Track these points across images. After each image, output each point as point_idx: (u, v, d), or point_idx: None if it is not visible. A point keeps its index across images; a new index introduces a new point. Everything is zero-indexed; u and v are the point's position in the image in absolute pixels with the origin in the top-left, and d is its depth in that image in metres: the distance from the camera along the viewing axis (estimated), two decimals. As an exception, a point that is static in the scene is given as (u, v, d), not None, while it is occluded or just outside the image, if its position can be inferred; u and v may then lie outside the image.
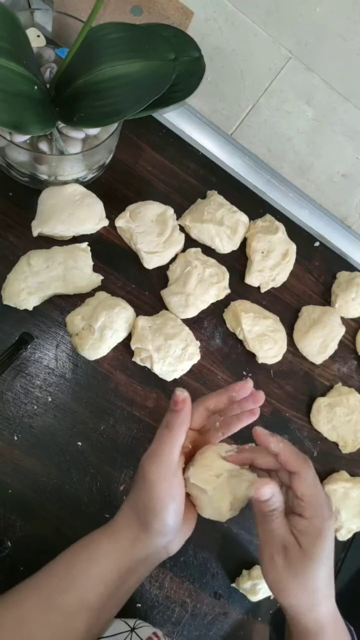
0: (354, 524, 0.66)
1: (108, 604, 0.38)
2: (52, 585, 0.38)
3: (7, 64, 0.48)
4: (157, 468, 0.37)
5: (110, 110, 0.53)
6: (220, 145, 0.76)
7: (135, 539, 0.38)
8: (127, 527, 0.39)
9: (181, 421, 0.38)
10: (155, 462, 0.38)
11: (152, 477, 0.37)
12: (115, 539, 0.39)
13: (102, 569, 0.38)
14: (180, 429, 0.38)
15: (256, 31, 0.59)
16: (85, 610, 0.36)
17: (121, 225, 0.65)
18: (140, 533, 0.38)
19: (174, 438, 0.38)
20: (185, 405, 0.38)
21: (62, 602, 0.36)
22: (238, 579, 0.62)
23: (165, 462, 0.37)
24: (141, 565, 0.39)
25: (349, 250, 0.81)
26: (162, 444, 0.38)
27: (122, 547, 0.38)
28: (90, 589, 0.37)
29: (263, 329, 0.68)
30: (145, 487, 0.37)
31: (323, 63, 0.59)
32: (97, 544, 0.39)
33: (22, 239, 0.62)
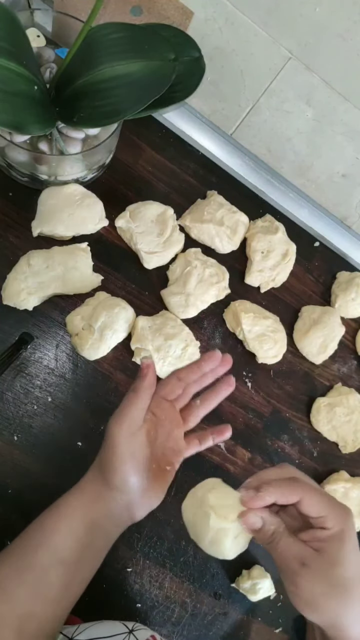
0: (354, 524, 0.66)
1: (81, 560, 0.39)
2: (25, 545, 0.40)
3: (7, 64, 0.48)
4: (119, 426, 0.41)
5: (110, 110, 0.53)
6: (220, 145, 0.76)
7: (98, 493, 0.41)
8: (92, 482, 0.42)
9: (146, 385, 0.42)
10: (119, 421, 0.41)
11: (113, 433, 0.40)
12: (81, 493, 0.42)
13: (70, 523, 0.40)
14: (145, 392, 0.42)
15: (256, 31, 0.59)
16: (59, 565, 0.38)
17: (121, 225, 0.65)
18: (101, 488, 0.41)
19: (138, 399, 0.42)
20: (149, 370, 0.43)
21: (35, 559, 0.38)
22: (238, 579, 0.62)
23: (127, 420, 0.41)
24: (106, 522, 0.41)
25: (349, 250, 0.81)
26: (127, 404, 0.42)
27: (87, 500, 0.41)
28: (61, 544, 0.39)
29: (263, 329, 0.68)
30: (108, 444, 0.41)
31: (323, 63, 0.59)
32: (65, 501, 0.42)
33: (22, 239, 0.62)
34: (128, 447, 0.40)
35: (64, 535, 0.39)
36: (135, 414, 0.41)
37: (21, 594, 0.37)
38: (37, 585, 0.37)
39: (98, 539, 0.41)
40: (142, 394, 0.42)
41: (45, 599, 0.37)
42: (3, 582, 0.37)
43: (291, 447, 0.69)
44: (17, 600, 0.36)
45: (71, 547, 0.39)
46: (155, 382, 0.44)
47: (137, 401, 0.42)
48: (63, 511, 0.41)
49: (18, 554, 0.39)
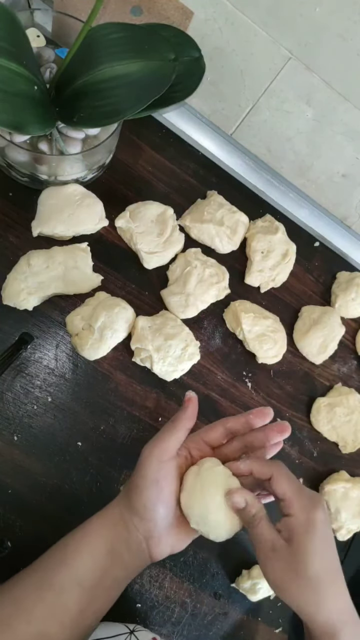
0: (354, 524, 0.66)
1: (99, 587, 0.39)
2: (47, 564, 0.40)
3: (7, 64, 0.48)
4: (149, 450, 0.41)
5: (110, 110, 0.53)
6: (220, 145, 0.76)
7: (120, 516, 0.41)
8: (117, 505, 0.42)
9: (185, 416, 0.42)
10: (150, 446, 0.41)
11: (143, 455, 0.41)
12: (105, 516, 0.42)
13: (92, 545, 0.40)
14: (182, 423, 0.41)
15: (256, 31, 0.59)
16: (77, 587, 0.38)
17: (121, 225, 0.65)
18: (124, 510, 0.41)
19: (174, 429, 0.41)
20: (190, 404, 0.42)
21: (55, 579, 0.38)
22: (238, 579, 0.62)
23: (160, 446, 0.41)
24: (124, 549, 0.40)
25: (349, 250, 0.81)
26: (163, 432, 0.41)
27: (109, 523, 0.41)
28: (81, 565, 0.39)
29: (263, 329, 0.68)
30: (137, 466, 0.41)
31: (323, 63, 0.59)
32: (90, 522, 0.41)
33: (22, 239, 0.62)
34: (155, 473, 0.40)
35: (84, 557, 0.39)
36: (168, 443, 0.41)
37: (38, 613, 0.36)
38: (54, 605, 0.37)
39: (116, 567, 0.40)
40: (180, 425, 0.41)
41: (61, 622, 0.37)
42: (22, 599, 0.37)
43: (291, 447, 0.69)
44: (34, 618, 0.36)
45: (90, 570, 0.39)
46: (195, 417, 0.42)
47: (173, 431, 0.41)
48: (87, 532, 0.41)
49: (39, 572, 0.39)
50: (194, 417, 0.42)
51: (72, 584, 0.38)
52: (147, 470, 0.40)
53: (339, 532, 0.66)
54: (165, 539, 0.40)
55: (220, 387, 0.67)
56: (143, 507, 0.39)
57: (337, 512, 0.65)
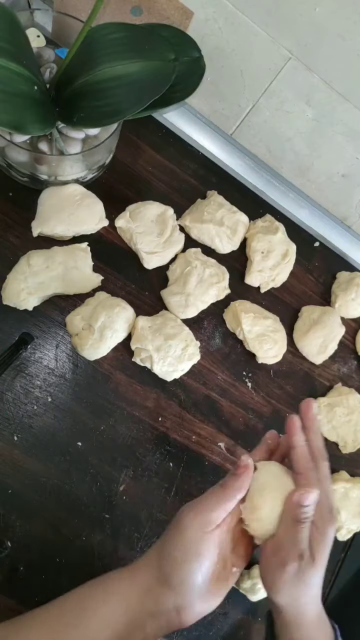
0: (354, 524, 0.66)
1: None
2: (61, 619, 0.36)
3: (7, 64, 0.48)
4: (194, 517, 0.36)
5: (110, 110, 0.53)
6: (220, 145, 0.76)
7: (149, 586, 0.36)
8: (145, 571, 0.37)
9: (238, 485, 0.37)
10: (194, 511, 0.36)
11: (185, 524, 0.36)
12: (131, 581, 0.37)
13: (112, 612, 0.36)
14: (234, 491, 0.37)
15: (256, 31, 0.59)
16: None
17: (121, 225, 0.65)
18: (154, 582, 0.36)
19: (224, 498, 0.37)
20: (246, 470, 0.38)
21: (68, 639, 0.35)
22: (238, 579, 0.62)
23: (205, 515, 0.36)
24: (149, 622, 0.36)
25: (349, 250, 0.81)
26: (210, 496, 0.37)
27: (135, 592, 0.36)
28: (97, 632, 0.35)
29: (263, 329, 0.68)
30: (176, 533, 0.36)
31: (323, 63, 0.59)
32: (112, 582, 0.38)
33: (22, 239, 0.62)
34: (197, 544, 0.35)
35: (101, 623, 0.36)
36: (216, 514, 0.36)
37: None
38: None
39: (136, 636, 0.36)
40: (231, 495, 0.37)
41: None
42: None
43: (291, 447, 0.69)
44: None
45: (106, 638, 0.35)
46: (247, 486, 0.38)
47: (223, 500, 0.37)
48: (108, 594, 0.37)
49: (52, 628, 0.36)
50: (247, 487, 0.38)
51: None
52: (188, 542, 0.35)
53: (339, 532, 0.66)
54: (200, 605, 0.36)
55: (220, 387, 0.67)
56: (180, 582, 0.35)
57: (337, 512, 0.65)
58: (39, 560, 0.55)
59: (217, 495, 0.37)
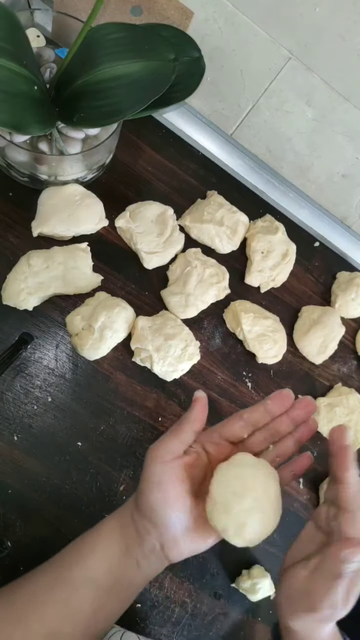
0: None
1: (113, 589, 0.38)
2: (62, 562, 0.39)
3: (7, 64, 0.48)
4: (152, 451, 0.38)
5: (110, 110, 0.53)
6: (220, 145, 0.76)
7: (131, 518, 0.39)
8: (128, 506, 0.40)
9: (192, 417, 0.39)
10: (154, 447, 0.39)
11: (147, 458, 0.38)
12: (119, 517, 0.40)
13: (107, 547, 0.38)
14: (189, 424, 0.39)
15: (256, 31, 0.59)
16: (91, 585, 0.37)
17: (121, 225, 0.65)
18: (135, 513, 0.39)
19: (179, 430, 0.39)
20: (198, 403, 0.40)
21: (69, 576, 0.37)
22: (238, 579, 0.62)
23: (162, 447, 0.38)
24: (140, 553, 0.38)
25: (349, 250, 0.81)
26: (168, 433, 0.39)
27: (123, 524, 0.39)
28: (96, 566, 0.38)
29: (263, 329, 0.68)
30: (143, 470, 0.38)
31: (323, 63, 0.59)
32: (104, 522, 0.40)
33: (22, 239, 0.62)
34: (157, 475, 0.37)
35: (99, 556, 0.38)
36: (171, 444, 0.38)
37: (52, 611, 0.36)
38: (68, 604, 0.36)
39: (131, 569, 0.38)
40: (186, 427, 0.39)
41: (74, 621, 0.36)
42: (36, 597, 0.37)
43: (291, 447, 0.69)
44: (48, 617, 0.36)
45: (105, 571, 0.37)
46: (204, 419, 0.40)
47: (178, 432, 0.39)
48: (101, 533, 0.39)
49: (54, 569, 0.39)
50: (203, 419, 0.39)
51: (87, 583, 0.37)
52: (150, 473, 0.37)
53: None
54: (183, 541, 0.38)
55: (220, 387, 0.67)
56: (151, 511, 0.37)
57: None
58: (39, 560, 0.55)
59: (172, 429, 0.39)
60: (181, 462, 0.38)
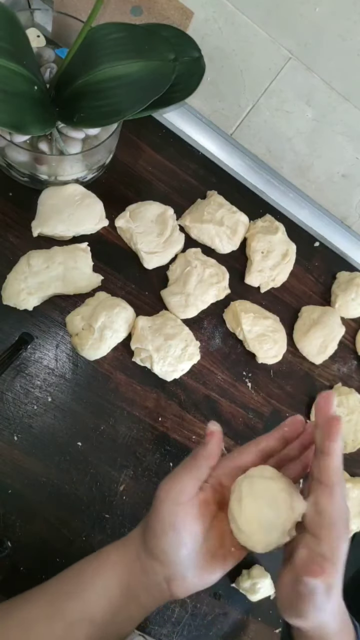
0: (354, 524, 0.66)
1: (112, 624, 0.36)
2: (59, 591, 0.37)
3: (7, 64, 0.48)
4: (166, 492, 0.36)
5: (110, 110, 0.53)
6: (220, 145, 0.76)
7: (138, 556, 0.37)
8: (134, 543, 0.38)
9: (206, 453, 0.37)
10: (166, 487, 0.36)
11: (160, 496, 0.36)
12: (123, 551, 0.38)
13: (107, 582, 0.37)
14: (202, 460, 0.37)
15: (256, 31, 0.59)
16: (88, 623, 0.36)
17: (121, 225, 0.65)
18: (142, 553, 0.37)
19: (194, 467, 0.37)
20: (212, 438, 0.38)
21: (66, 609, 0.36)
22: (238, 579, 0.62)
23: (176, 488, 0.36)
24: (142, 590, 0.36)
25: (349, 250, 0.81)
26: (181, 470, 0.37)
27: (127, 560, 0.37)
28: (94, 601, 0.36)
29: (263, 329, 0.68)
30: (154, 507, 0.36)
31: (323, 63, 0.59)
32: (107, 554, 0.38)
33: (22, 239, 0.62)
34: (171, 517, 0.35)
35: (97, 593, 0.36)
36: (186, 484, 0.36)
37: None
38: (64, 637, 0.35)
39: (132, 606, 0.37)
40: (200, 463, 0.37)
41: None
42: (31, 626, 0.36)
43: (291, 447, 0.69)
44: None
45: (103, 608, 0.36)
46: (218, 454, 0.38)
47: (193, 469, 0.36)
48: (102, 565, 0.37)
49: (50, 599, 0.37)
50: (217, 454, 0.38)
51: (84, 618, 0.36)
52: (162, 515, 0.35)
53: (339, 532, 0.66)
54: (192, 578, 0.36)
55: (220, 387, 0.67)
56: (161, 552, 0.35)
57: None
58: (39, 560, 0.55)
59: (187, 466, 0.37)
60: (196, 500, 0.36)
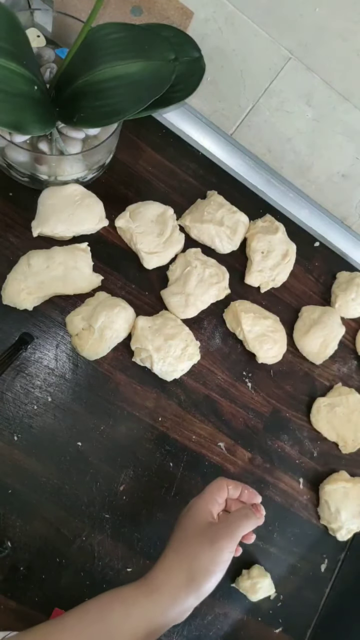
0: (354, 524, 0.66)
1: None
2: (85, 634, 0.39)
3: (7, 64, 0.48)
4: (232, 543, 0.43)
5: (110, 110, 0.53)
6: (220, 145, 0.76)
7: (176, 597, 0.41)
8: (170, 585, 0.42)
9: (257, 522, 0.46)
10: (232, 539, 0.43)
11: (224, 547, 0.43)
12: (155, 598, 0.41)
13: (136, 627, 0.40)
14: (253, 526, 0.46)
15: (256, 31, 0.59)
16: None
17: (121, 225, 0.65)
18: (182, 592, 0.41)
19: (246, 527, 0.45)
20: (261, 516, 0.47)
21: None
22: (238, 579, 0.62)
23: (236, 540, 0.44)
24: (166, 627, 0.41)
25: (349, 250, 0.81)
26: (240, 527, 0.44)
27: (161, 606, 0.41)
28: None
29: (263, 329, 0.68)
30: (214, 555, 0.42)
31: (323, 63, 0.59)
32: (135, 600, 0.41)
33: (22, 239, 0.62)
34: (227, 563, 0.43)
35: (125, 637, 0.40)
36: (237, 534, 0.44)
37: None
38: None
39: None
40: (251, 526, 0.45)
41: None
42: None
43: (291, 447, 0.69)
44: None
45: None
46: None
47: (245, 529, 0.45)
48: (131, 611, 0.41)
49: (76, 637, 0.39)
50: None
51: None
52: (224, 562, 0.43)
53: (339, 532, 0.66)
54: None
55: (220, 387, 0.67)
56: (209, 590, 0.43)
57: (337, 512, 0.65)
58: (39, 560, 0.55)
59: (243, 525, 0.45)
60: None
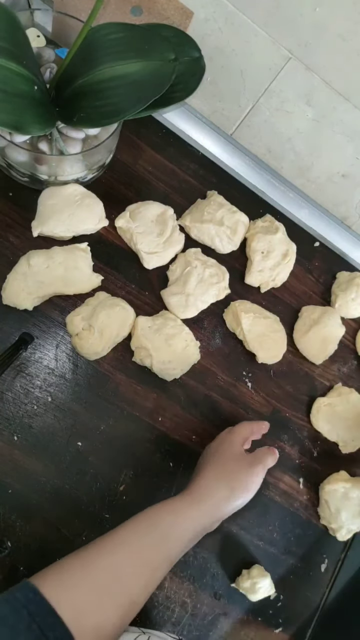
0: (354, 524, 0.66)
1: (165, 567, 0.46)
2: (141, 542, 0.45)
3: (7, 64, 0.48)
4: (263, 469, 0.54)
5: (110, 110, 0.53)
6: (220, 145, 0.76)
7: (219, 506, 0.50)
8: (213, 496, 0.50)
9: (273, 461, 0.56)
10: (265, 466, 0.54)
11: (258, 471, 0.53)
12: (201, 507, 0.49)
13: (183, 532, 0.47)
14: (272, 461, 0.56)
15: (256, 31, 0.59)
16: (168, 564, 0.45)
17: (121, 225, 0.65)
18: (222, 502, 0.50)
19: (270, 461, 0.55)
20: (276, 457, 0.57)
21: (151, 558, 0.44)
22: (238, 579, 0.62)
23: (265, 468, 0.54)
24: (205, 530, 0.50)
25: (349, 250, 0.81)
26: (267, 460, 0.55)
27: (206, 514, 0.49)
28: (173, 549, 0.46)
29: (263, 329, 0.68)
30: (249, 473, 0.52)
31: (323, 63, 0.59)
32: (182, 510, 0.48)
33: (22, 239, 0.62)
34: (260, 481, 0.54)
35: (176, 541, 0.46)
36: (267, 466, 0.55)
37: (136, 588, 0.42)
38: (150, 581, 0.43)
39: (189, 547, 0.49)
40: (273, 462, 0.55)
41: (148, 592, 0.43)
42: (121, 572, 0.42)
43: (291, 447, 0.69)
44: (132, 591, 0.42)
45: (179, 551, 0.46)
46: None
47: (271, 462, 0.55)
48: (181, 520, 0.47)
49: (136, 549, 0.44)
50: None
51: (164, 562, 0.45)
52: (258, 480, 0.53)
53: (339, 532, 0.66)
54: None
55: (220, 387, 0.67)
56: (243, 503, 0.52)
57: (337, 512, 0.65)
58: (39, 560, 0.55)
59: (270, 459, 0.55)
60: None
